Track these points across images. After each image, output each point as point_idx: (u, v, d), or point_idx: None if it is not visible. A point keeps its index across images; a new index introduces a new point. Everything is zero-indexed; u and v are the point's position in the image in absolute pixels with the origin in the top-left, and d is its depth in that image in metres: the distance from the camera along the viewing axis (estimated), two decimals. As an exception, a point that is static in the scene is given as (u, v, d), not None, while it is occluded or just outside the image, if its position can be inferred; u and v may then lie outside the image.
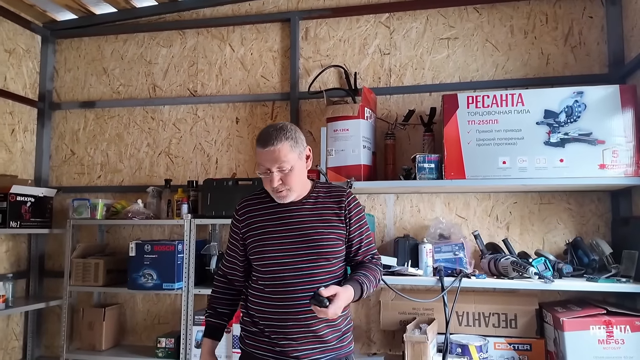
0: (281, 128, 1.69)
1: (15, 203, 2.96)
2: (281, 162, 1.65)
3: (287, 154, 1.65)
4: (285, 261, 1.69)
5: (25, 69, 3.42)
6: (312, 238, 1.70)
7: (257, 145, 1.70)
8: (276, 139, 1.64)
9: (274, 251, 1.71)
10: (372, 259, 1.84)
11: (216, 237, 3.13)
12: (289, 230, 1.72)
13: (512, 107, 2.40)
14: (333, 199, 1.78)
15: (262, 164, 1.68)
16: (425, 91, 2.97)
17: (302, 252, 1.69)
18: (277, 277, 1.70)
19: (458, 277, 2.38)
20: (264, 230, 1.75)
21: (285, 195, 1.70)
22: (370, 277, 1.72)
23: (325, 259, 1.70)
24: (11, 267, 3.26)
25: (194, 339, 2.81)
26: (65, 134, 3.53)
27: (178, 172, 3.32)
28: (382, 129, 2.94)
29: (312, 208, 1.76)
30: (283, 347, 1.66)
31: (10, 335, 3.25)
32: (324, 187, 1.83)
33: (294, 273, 1.68)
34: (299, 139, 1.72)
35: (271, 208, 1.78)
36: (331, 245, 1.71)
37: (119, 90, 3.48)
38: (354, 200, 1.81)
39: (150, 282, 2.85)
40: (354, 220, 1.78)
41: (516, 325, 2.59)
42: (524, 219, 2.81)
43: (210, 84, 3.33)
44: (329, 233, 1.72)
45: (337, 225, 1.75)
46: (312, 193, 1.79)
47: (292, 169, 1.67)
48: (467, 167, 2.40)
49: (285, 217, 1.74)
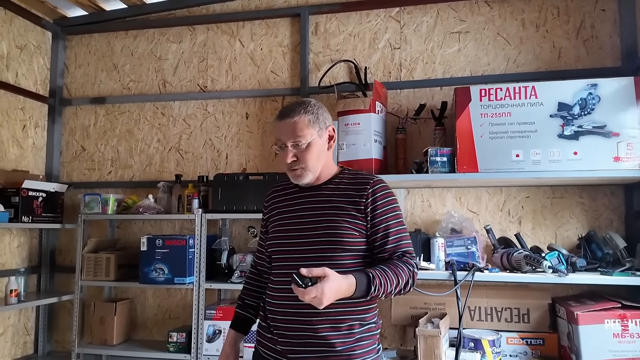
0: (303, 102, 1.61)
1: (27, 198, 2.97)
2: (296, 137, 1.55)
3: (303, 129, 1.55)
4: (291, 249, 1.58)
5: (36, 65, 3.43)
6: (322, 226, 1.55)
7: (275, 119, 1.62)
8: (294, 112, 1.56)
9: (283, 239, 1.62)
10: (403, 256, 1.55)
11: (227, 232, 3.13)
12: (301, 217, 1.60)
13: (525, 99, 2.38)
14: (355, 186, 1.60)
15: (278, 137, 1.59)
16: (436, 85, 2.96)
17: (311, 241, 1.54)
18: (282, 266, 1.60)
19: (471, 271, 2.37)
20: (280, 217, 1.66)
21: (300, 174, 1.58)
22: (388, 273, 1.44)
23: (335, 251, 1.52)
24: (22, 262, 3.28)
25: (205, 333, 2.82)
26: (76, 129, 3.54)
27: (188, 167, 3.33)
28: (393, 123, 2.93)
29: (330, 194, 1.60)
30: (283, 345, 1.54)
31: (22, 329, 3.26)
32: (350, 174, 1.66)
33: (300, 264, 1.48)
34: (321, 115, 1.60)
35: (292, 194, 1.68)
36: (343, 236, 1.52)
37: (129, 86, 3.48)
38: (381, 190, 1.58)
39: (161, 277, 2.86)
40: (379, 212, 1.55)
41: (529, 320, 2.58)
42: (536, 213, 2.79)
43: (220, 79, 3.33)
44: (342, 222, 1.54)
45: (354, 215, 1.55)
46: (334, 178, 1.64)
47: (309, 146, 1.56)
48: (480, 161, 2.39)
49: (300, 202, 1.63)
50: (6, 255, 3.15)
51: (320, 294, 1.30)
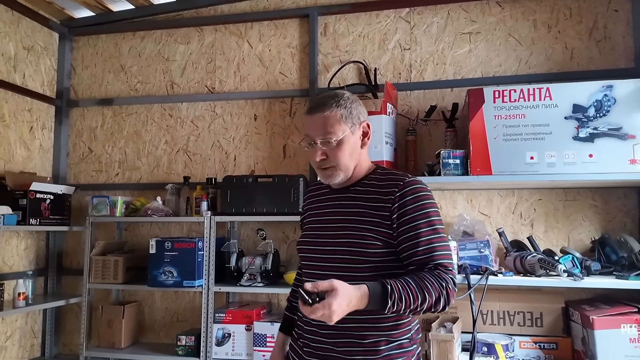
0: (335, 95, 1.48)
1: (35, 200, 2.95)
2: (327, 133, 1.42)
3: (334, 124, 1.42)
4: (314, 257, 1.49)
5: (43, 67, 3.41)
6: (343, 234, 1.42)
7: (305, 113, 1.51)
8: (325, 106, 1.44)
9: (308, 244, 1.53)
10: (435, 269, 1.33)
11: (235, 234, 3.11)
12: (325, 222, 1.50)
13: (539, 101, 2.35)
14: (384, 188, 1.43)
15: (307, 133, 1.47)
16: (447, 87, 2.93)
17: (331, 250, 1.44)
18: (307, 274, 1.53)
19: (485, 275, 2.34)
20: (310, 220, 1.58)
21: (330, 174, 1.46)
22: (411, 286, 1.25)
23: (355, 262, 1.39)
24: (30, 264, 3.26)
25: (214, 336, 2.79)
26: (83, 131, 3.52)
27: (196, 169, 3.30)
28: (403, 125, 2.90)
29: (357, 197, 1.47)
30: (307, 355, 1.47)
31: (29, 332, 3.25)
32: (382, 174, 1.50)
33: (322, 272, 1.43)
34: (355, 110, 1.47)
35: (324, 195, 1.58)
36: (364, 246, 1.38)
37: (136, 88, 3.46)
38: (413, 192, 1.39)
39: (170, 280, 2.83)
40: (408, 218, 1.37)
41: (542, 324, 2.55)
42: (549, 216, 2.76)
43: (228, 80, 3.30)
44: (364, 230, 1.39)
45: (379, 223, 1.39)
46: (364, 179, 1.50)
47: (340, 143, 1.43)
48: (493, 163, 2.36)
49: (328, 206, 1.53)
50: (13, 258, 3.14)
51: (329, 310, 1.14)
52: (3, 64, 3.09)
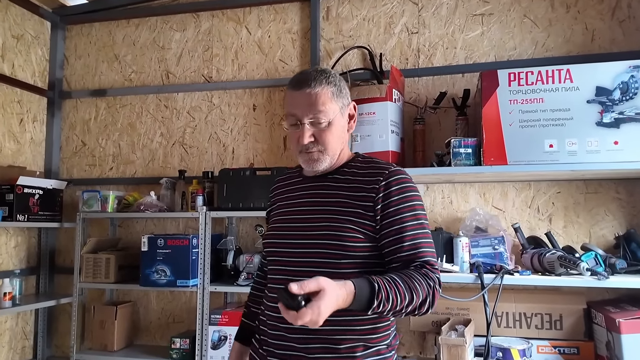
0: (323, 70, 1.33)
1: (23, 195, 2.81)
2: (317, 111, 1.27)
3: (326, 102, 1.28)
4: (285, 252, 1.33)
5: (34, 56, 3.27)
6: (320, 226, 1.28)
7: (288, 88, 1.32)
8: (315, 81, 1.28)
9: (278, 238, 1.37)
10: (422, 267, 1.21)
11: (233, 231, 2.94)
12: (299, 213, 1.35)
13: (559, 84, 2.15)
14: (367, 177, 1.31)
15: (292, 111, 1.30)
16: (458, 72, 2.74)
17: (307, 244, 1.29)
18: (275, 272, 1.37)
19: (499, 274, 2.15)
20: (279, 212, 1.43)
21: (316, 158, 1.31)
22: (399, 286, 1.13)
23: (334, 257, 1.25)
24: (20, 262, 3.12)
25: (210, 339, 2.63)
26: (76, 124, 3.38)
27: (193, 163, 3.14)
28: (411, 114, 2.71)
29: (336, 187, 1.33)
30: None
31: (20, 334, 3.11)
32: (363, 162, 1.37)
33: (294, 268, 1.30)
34: (344, 89, 1.35)
35: (296, 184, 1.44)
36: (344, 239, 1.24)
37: (131, 78, 3.31)
38: (398, 182, 1.27)
39: (163, 279, 2.68)
40: (393, 209, 1.25)
41: (561, 327, 2.36)
42: (568, 210, 2.56)
43: (226, 69, 3.13)
44: (344, 222, 1.26)
45: (361, 214, 1.26)
46: (344, 167, 1.37)
47: (330, 125, 1.29)
48: (508, 152, 2.16)
49: (301, 196, 1.39)
50: (2, 256, 3.00)
51: (317, 315, 0.99)
52: (-10, 53, 2.95)
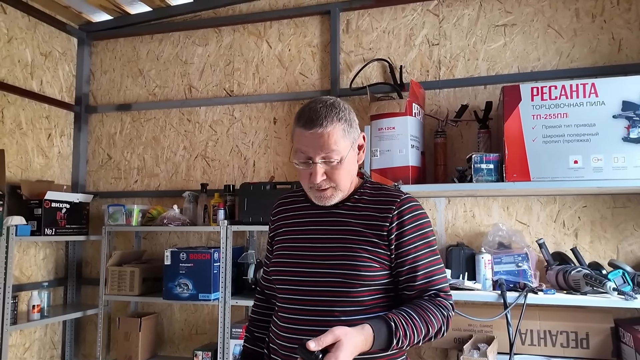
0: (332, 105, 1.29)
1: (50, 210, 2.88)
2: (329, 151, 1.25)
3: (338, 141, 1.25)
4: (298, 280, 1.32)
5: (61, 72, 3.36)
6: (335, 255, 1.28)
7: (297, 125, 1.29)
8: (326, 119, 1.25)
9: (289, 266, 1.36)
10: (436, 296, 1.26)
11: (254, 244, 2.96)
12: (310, 241, 1.35)
13: (583, 98, 2.10)
14: (378, 205, 1.32)
15: (302, 150, 1.28)
16: (480, 84, 2.70)
17: (321, 273, 1.28)
18: (288, 300, 1.34)
19: (523, 292, 2.11)
20: (286, 238, 1.42)
21: (329, 195, 1.31)
22: (415, 320, 1.16)
23: (351, 286, 1.25)
24: (49, 274, 3.20)
25: (231, 353, 2.65)
26: (102, 137, 3.45)
27: (215, 175, 3.18)
28: (432, 127, 2.69)
29: (347, 215, 1.33)
30: None
31: (49, 344, 3.19)
32: (372, 188, 1.38)
33: (308, 297, 1.29)
34: (354, 122, 1.33)
35: (302, 209, 1.42)
36: (360, 269, 1.25)
37: (154, 92, 3.37)
38: (410, 211, 1.30)
39: (186, 292, 2.71)
40: (407, 240, 1.28)
41: (588, 346, 2.30)
42: (595, 225, 2.50)
43: (247, 83, 3.16)
44: (359, 251, 1.27)
45: (375, 243, 1.28)
46: (354, 195, 1.36)
47: (342, 162, 1.27)
48: (532, 168, 2.12)
49: (310, 223, 1.38)
50: (32, 268, 3.08)
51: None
52: (20, 71, 3.03)
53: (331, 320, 1.23)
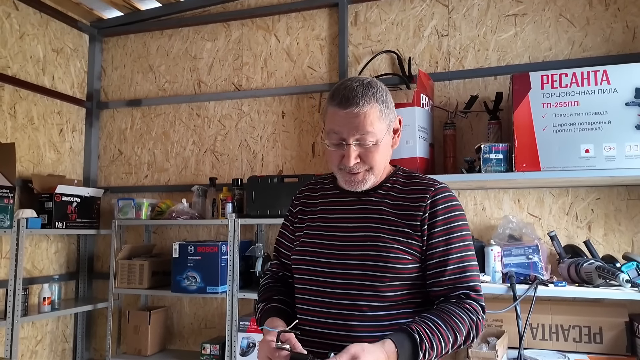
0: (369, 84, 1.21)
1: (61, 203, 2.91)
2: (365, 132, 1.18)
3: (374, 122, 1.18)
4: (322, 271, 1.24)
5: (73, 69, 3.39)
6: (364, 246, 1.21)
7: (331, 103, 1.22)
8: (363, 99, 1.18)
9: (313, 256, 1.27)
10: (467, 297, 1.18)
11: (262, 238, 2.96)
12: (338, 230, 1.27)
13: (595, 86, 2.05)
14: (411, 195, 1.24)
15: (335, 130, 1.20)
16: (490, 75, 2.66)
17: (348, 265, 1.21)
18: (309, 290, 1.26)
19: (533, 285, 2.06)
20: (313, 226, 1.32)
21: (361, 179, 1.23)
22: (441, 329, 1.09)
23: (379, 279, 1.18)
24: (60, 268, 3.23)
25: (239, 345, 2.64)
26: (113, 133, 3.48)
27: (224, 170, 3.18)
28: (441, 119, 2.65)
29: (378, 203, 1.26)
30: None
31: (60, 337, 3.22)
32: (405, 177, 1.30)
33: (332, 290, 1.21)
34: (390, 103, 1.25)
35: (330, 196, 1.35)
36: (391, 260, 1.17)
37: (164, 88, 3.38)
38: (444, 201, 1.23)
39: (194, 285, 2.71)
40: (439, 231, 1.20)
41: (601, 340, 2.24)
42: (609, 217, 2.44)
43: (255, 77, 3.16)
44: (391, 242, 1.19)
45: (407, 234, 1.20)
46: (385, 182, 1.29)
47: (377, 145, 1.20)
48: (542, 157, 2.08)
49: (340, 211, 1.30)
50: (44, 262, 3.11)
51: None
52: (32, 67, 3.07)
53: (356, 316, 1.17)
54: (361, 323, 1.18)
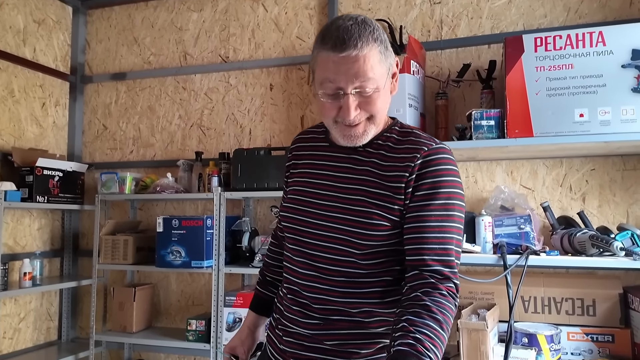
0: (365, 22, 1.06)
1: (42, 177, 2.83)
2: (365, 79, 1.04)
3: (374, 66, 1.04)
4: (304, 232, 1.18)
5: (55, 41, 3.29)
6: (346, 208, 1.12)
7: (321, 47, 1.06)
8: (361, 39, 1.02)
9: (297, 214, 1.20)
10: (442, 277, 1.03)
11: (250, 213, 2.89)
12: (322, 188, 1.18)
13: (590, 48, 1.97)
14: (402, 154, 1.11)
15: (330, 79, 1.05)
16: (484, 43, 2.58)
17: (330, 225, 1.13)
18: (294, 250, 1.21)
19: (524, 254, 2.00)
20: (299, 181, 1.25)
21: (361, 132, 1.10)
22: (434, 340, 0.95)
23: (354, 245, 1.10)
24: (44, 245, 3.16)
25: (225, 321, 2.59)
26: (98, 108, 3.39)
27: (211, 144, 3.10)
28: (432, 89, 2.58)
29: (366, 161, 1.14)
30: (287, 346, 1.18)
31: (45, 315, 3.15)
32: (401, 132, 1.16)
33: (313, 252, 1.15)
34: (389, 44, 1.11)
35: (319, 149, 1.25)
36: (368, 226, 1.08)
37: (149, 60, 3.29)
38: (438, 163, 1.08)
39: (178, 260, 2.65)
40: (421, 195, 1.07)
41: (595, 313, 2.18)
42: (604, 188, 2.38)
43: (242, 48, 3.07)
44: (372, 206, 1.09)
45: (389, 197, 1.09)
46: (378, 138, 1.15)
47: (379, 92, 1.06)
48: (534, 123, 2.00)
49: (327, 166, 1.20)
50: (26, 238, 3.04)
51: None
52: (11, 38, 2.97)
53: (333, 281, 1.12)
54: (339, 289, 1.12)
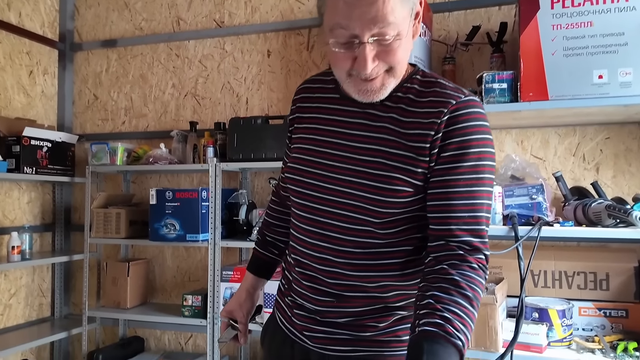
0: None
1: (30, 147, 2.70)
2: (385, 24, 0.88)
3: (395, 8, 0.87)
4: (313, 195, 1.04)
5: (43, 6, 3.13)
6: (359, 171, 0.99)
7: None
8: None
9: (305, 176, 1.06)
10: (466, 254, 0.92)
11: (247, 185, 2.77)
12: (335, 146, 1.03)
13: (611, 4, 1.83)
14: (426, 108, 0.97)
15: (343, 24, 0.89)
16: (494, 4, 2.43)
17: (341, 189, 1.00)
18: (302, 217, 1.08)
19: (537, 225, 1.89)
20: (307, 137, 1.10)
21: (379, 86, 0.95)
22: (464, 319, 0.86)
23: (371, 212, 0.98)
24: (35, 219, 3.05)
25: (221, 296, 2.49)
26: (88, 77, 3.24)
27: (206, 115, 2.96)
28: (439, 54, 2.44)
29: (384, 117, 1.00)
30: (298, 318, 1.09)
31: (37, 291, 3.06)
32: (424, 82, 1.01)
33: (320, 219, 1.04)
34: None
35: (328, 102, 1.09)
36: (388, 192, 0.96)
37: (141, 26, 3.13)
38: (467, 119, 0.94)
39: (172, 233, 2.54)
40: (447, 157, 0.94)
41: (608, 287, 2.09)
42: (619, 157, 2.26)
43: (238, 12, 2.91)
44: (392, 169, 0.96)
45: (412, 159, 0.96)
46: (397, 91, 1.00)
47: (400, 38, 0.90)
48: (550, 85, 1.87)
49: (338, 122, 1.05)
50: (15, 212, 2.93)
51: None
52: (-6, 1, 2.82)
53: (346, 253, 1.01)
54: (354, 261, 1.01)
